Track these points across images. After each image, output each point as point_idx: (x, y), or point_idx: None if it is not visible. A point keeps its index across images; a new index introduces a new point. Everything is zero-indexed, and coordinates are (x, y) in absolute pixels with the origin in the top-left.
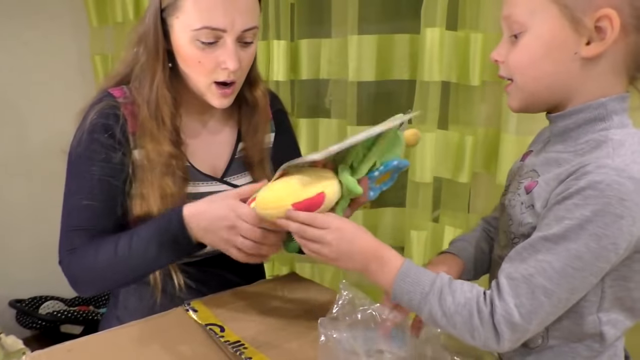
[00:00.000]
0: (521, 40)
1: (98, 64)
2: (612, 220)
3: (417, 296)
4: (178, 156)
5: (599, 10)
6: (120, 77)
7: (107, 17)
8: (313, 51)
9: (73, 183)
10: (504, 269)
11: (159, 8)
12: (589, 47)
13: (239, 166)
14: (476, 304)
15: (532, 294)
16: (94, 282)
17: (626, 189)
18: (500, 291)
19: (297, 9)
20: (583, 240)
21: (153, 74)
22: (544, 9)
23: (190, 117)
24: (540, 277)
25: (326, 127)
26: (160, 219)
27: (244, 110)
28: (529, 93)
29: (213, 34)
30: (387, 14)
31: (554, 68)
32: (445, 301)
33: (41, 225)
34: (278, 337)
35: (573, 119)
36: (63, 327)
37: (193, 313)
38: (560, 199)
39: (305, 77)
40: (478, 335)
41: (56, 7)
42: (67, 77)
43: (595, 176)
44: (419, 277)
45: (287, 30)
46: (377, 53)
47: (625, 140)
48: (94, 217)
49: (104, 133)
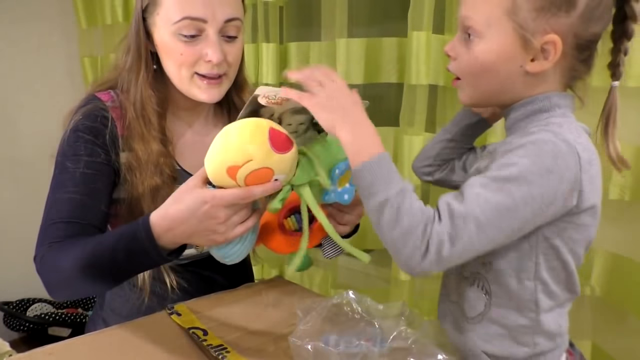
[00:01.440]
0: (474, 46)
1: (87, 65)
2: (543, 172)
3: (377, 187)
4: (166, 155)
5: (547, 35)
6: (110, 83)
7: (96, 19)
8: (302, 54)
9: (57, 179)
10: (445, 197)
11: (140, 8)
12: (534, 63)
13: None
14: (426, 218)
15: (464, 222)
16: (66, 284)
17: (559, 149)
18: (441, 217)
19: (286, 12)
20: (516, 184)
21: (137, 74)
22: (500, 23)
23: (178, 119)
24: (476, 208)
25: None
26: (126, 230)
27: (233, 115)
28: (479, 92)
29: (194, 25)
30: (375, 18)
31: (500, 76)
32: (401, 204)
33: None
34: (261, 341)
35: (521, 111)
36: (51, 329)
37: (176, 317)
38: (503, 151)
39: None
40: (408, 245)
41: (45, 9)
42: (55, 79)
43: (536, 135)
44: (389, 170)
45: (276, 33)
46: (365, 56)
47: (563, 123)
48: (76, 209)
49: (89, 133)
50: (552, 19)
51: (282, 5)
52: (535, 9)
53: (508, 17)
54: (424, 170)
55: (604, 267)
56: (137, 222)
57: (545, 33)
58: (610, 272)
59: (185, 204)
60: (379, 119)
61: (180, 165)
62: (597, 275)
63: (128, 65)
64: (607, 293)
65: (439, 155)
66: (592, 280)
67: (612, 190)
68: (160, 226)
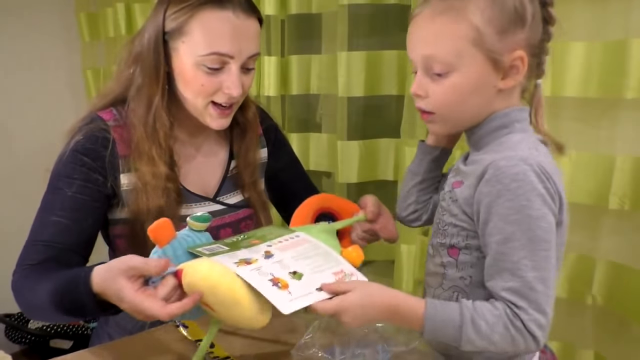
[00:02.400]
0: (448, 79)
1: (90, 78)
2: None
3: (451, 331)
4: (173, 178)
5: (514, 52)
6: (114, 95)
7: (99, 32)
8: (303, 67)
9: (47, 199)
10: (495, 286)
11: (162, 30)
12: (505, 80)
13: (231, 185)
14: (507, 318)
15: (532, 289)
16: (32, 312)
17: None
18: (515, 303)
19: (288, 26)
20: (532, 225)
21: (151, 96)
22: (469, 52)
23: (185, 141)
24: (528, 272)
25: (316, 142)
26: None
27: (235, 132)
28: (454, 123)
29: (220, 60)
30: (375, 31)
31: (477, 101)
32: (480, 327)
33: None
34: (267, 353)
35: (484, 128)
36: (52, 341)
37: (183, 329)
38: (494, 198)
39: (296, 92)
40: (518, 343)
41: (47, 22)
42: (58, 92)
43: (511, 169)
44: (445, 313)
45: (277, 46)
46: (366, 69)
47: (522, 139)
48: (59, 233)
49: (87, 154)
50: (513, 37)
51: (283, 19)
52: (498, 32)
53: (476, 46)
54: (410, 218)
55: (605, 276)
56: (81, 272)
57: (512, 51)
58: (611, 281)
59: (111, 290)
60: (380, 130)
61: (183, 185)
62: (598, 285)
63: (139, 82)
64: (608, 302)
65: (418, 198)
66: (593, 289)
67: (612, 200)
68: (97, 283)
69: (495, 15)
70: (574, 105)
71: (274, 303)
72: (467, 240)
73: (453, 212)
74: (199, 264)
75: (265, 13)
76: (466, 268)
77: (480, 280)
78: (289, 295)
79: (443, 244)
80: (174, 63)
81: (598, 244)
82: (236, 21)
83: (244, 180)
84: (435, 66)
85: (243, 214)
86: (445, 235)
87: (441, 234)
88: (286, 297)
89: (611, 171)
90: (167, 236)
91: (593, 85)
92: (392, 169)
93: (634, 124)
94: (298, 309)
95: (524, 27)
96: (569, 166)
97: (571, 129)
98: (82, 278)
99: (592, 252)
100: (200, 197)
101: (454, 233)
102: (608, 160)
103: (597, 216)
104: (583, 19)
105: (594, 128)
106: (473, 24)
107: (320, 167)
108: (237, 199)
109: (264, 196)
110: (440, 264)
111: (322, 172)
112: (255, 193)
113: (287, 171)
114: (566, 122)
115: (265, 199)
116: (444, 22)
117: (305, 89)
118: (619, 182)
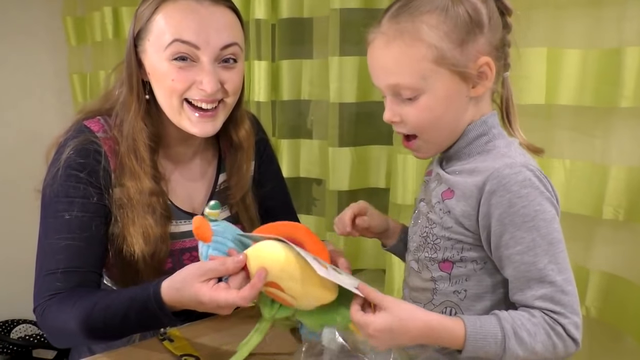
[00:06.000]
0: (419, 102)
1: (76, 82)
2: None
3: (493, 347)
4: (159, 193)
5: (478, 60)
6: (99, 112)
7: (85, 36)
8: (294, 72)
9: (50, 223)
10: (526, 297)
11: (132, 36)
12: (476, 88)
13: (219, 200)
14: (547, 325)
15: (564, 293)
16: (69, 339)
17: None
18: (552, 310)
19: (278, 30)
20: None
21: (129, 106)
22: (434, 72)
23: (170, 153)
24: (556, 277)
25: (308, 148)
26: (136, 298)
27: (228, 149)
28: (438, 143)
29: (186, 49)
30: None
31: (453, 115)
32: (522, 338)
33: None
34: None
35: (464, 140)
36: (35, 351)
37: (169, 342)
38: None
39: (287, 97)
40: (559, 349)
41: (33, 25)
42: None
43: (517, 176)
44: (484, 329)
45: (268, 50)
46: (358, 74)
47: (507, 144)
48: (74, 257)
49: (81, 170)
50: (474, 45)
51: (274, 23)
52: (458, 45)
53: (439, 65)
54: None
55: (599, 287)
56: (148, 290)
57: (476, 59)
58: (605, 293)
59: (186, 297)
60: (372, 137)
61: (171, 201)
62: (591, 296)
63: (122, 98)
64: (602, 313)
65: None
66: (587, 300)
67: (606, 210)
68: (169, 296)
69: (451, 29)
70: (569, 113)
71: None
72: (462, 253)
73: (446, 225)
74: (264, 246)
75: (255, 17)
76: (461, 281)
77: (476, 293)
78: (326, 270)
79: (433, 259)
80: (146, 67)
81: (592, 254)
82: (200, 9)
83: (234, 197)
84: (403, 92)
85: None
86: (437, 249)
87: (430, 248)
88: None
89: (606, 181)
90: (208, 231)
91: (588, 94)
92: (384, 177)
93: (629, 133)
94: (331, 279)
95: (483, 31)
96: (563, 175)
97: (565, 138)
98: (152, 295)
99: (586, 263)
100: (187, 213)
101: (447, 246)
102: (602, 170)
103: (591, 226)
104: (578, 27)
105: (589, 137)
106: (430, 43)
107: (311, 174)
108: (225, 214)
109: (252, 211)
110: (430, 279)
111: (313, 179)
112: (243, 208)
113: (269, 188)
114: (560, 130)
115: (253, 214)
116: (400, 47)
117: (296, 95)
118: (614, 192)
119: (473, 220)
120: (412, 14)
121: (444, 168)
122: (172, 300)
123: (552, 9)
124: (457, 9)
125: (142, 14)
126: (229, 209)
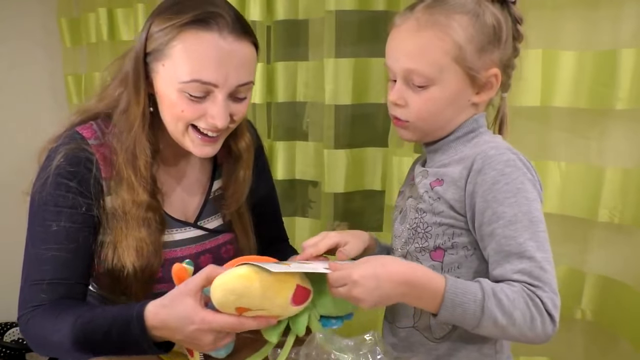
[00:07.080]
0: (427, 92)
1: (71, 84)
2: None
3: (472, 306)
4: (155, 207)
5: (490, 69)
6: (96, 112)
7: (80, 37)
8: (290, 74)
9: (37, 232)
10: (506, 271)
11: (143, 51)
12: (480, 95)
13: (212, 208)
14: (525, 294)
15: (543, 270)
16: (52, 351)
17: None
18: (531, 283)
19: (274, 32)
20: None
21: (133, 120)
22: (451, 68)
23: (168, 166)
24: (535, 253)
25: (303, 150)
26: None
27: (225, 158)
28: (424, 132)
29: (203, 89)
30: (363, 38)
31: (450, 113)
32: (501, 300)
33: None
34: None
35: (453, 135)
36: (29, 355)
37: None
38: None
39: (282, 99)
40: (536, 324)
41: (28, 26)
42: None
43: (502, 156)
44: (465, 285)
45: (263, 52)
46: (353, 76)
47: (494, 137)
48: (60, 269)
49: (72, 178)
50: (490, 55)
51: (269, 25)
52: (478, 50)
53: (457, 62)
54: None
55: (595, 290)
56: (132, 310)
57: (488, 68)
58: (601, 296)
59: (175, 315)
60: (368, 139)
61: (165, 211)
62: (587, 299)
63: (123, 105)
64: (598, 317)
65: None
66: (582, 303)
67: (602, 213)
68: (152, 321)
69: (477, 34)
70: (564, 115)
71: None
72: (453, 239)
73: (437, 210)
74: (216, 282)
75: (250, 19)
76: (453, 269)
77: (469, 280)
78: (287, 267)
79: (425, 248)
80: (156, 87)
81: (588, 257)
82: (223, 44)
83: (229, 207)
84: (416, 79)
85: (223, 239)
86: (428, 238)
87: (421, 238)
88: (281, 267)
89: (601, 183)
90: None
91: (583, 96)
92: (380, 179)
93: (625, 135)
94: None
95: (500, 46)
96: (558, 177)
97: (561, 140)
98: (135, 317)
99: (581, 266)
100: (181, 222)
101: (438, 233)
102: (598, 172)
103: (587, 229)
104: (573, 29)
105: (584, 139)
106: (456, 41)
107: (307, 176)
108: (218, 222)
109: (245, 220)
110: None
111: (308, 182)
112: (237, 216)
113: (261, 196)
114: (556, 132)
115: (247, 223)
116: (430, 37)
117: (291, 96)
118: (609, 194)
119: (463, 203)
120: (447, 10)
121: (427, 167)
122: (156, 320)
123: (548, 10)
124: (486, 19)
125: (157, 35)
126: (222, 218)
